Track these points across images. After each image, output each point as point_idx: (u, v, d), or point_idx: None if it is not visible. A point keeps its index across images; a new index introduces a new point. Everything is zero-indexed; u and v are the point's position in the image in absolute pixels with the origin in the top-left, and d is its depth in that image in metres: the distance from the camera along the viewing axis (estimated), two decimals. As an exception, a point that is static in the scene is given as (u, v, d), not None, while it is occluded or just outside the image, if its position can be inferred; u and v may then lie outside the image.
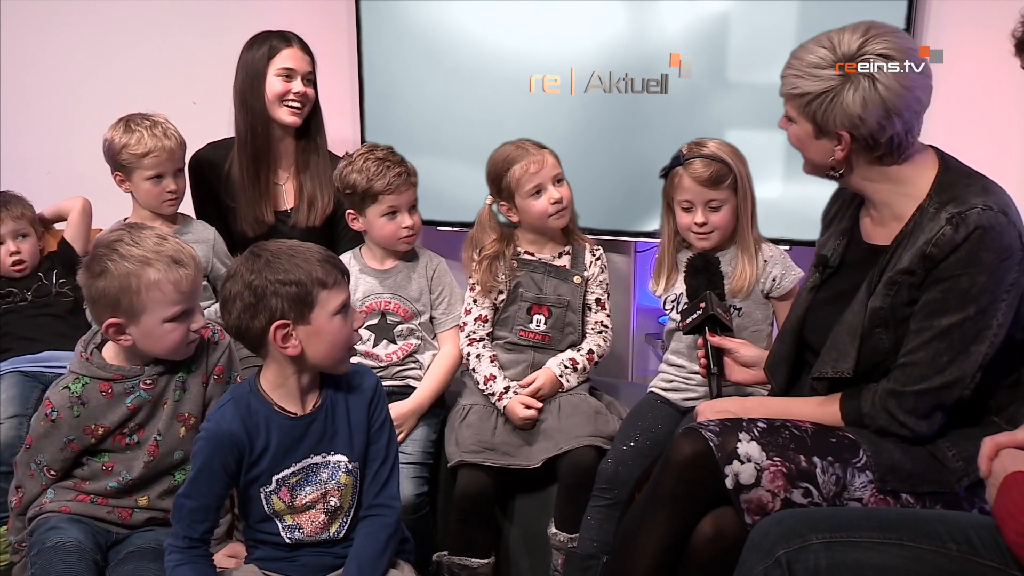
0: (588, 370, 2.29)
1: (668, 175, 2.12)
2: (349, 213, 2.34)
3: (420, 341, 2.36)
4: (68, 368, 1.85)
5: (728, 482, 1.63)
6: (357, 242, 2.44)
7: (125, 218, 2.47)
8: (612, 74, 2.76)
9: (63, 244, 2.59)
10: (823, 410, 1.73)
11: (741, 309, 2.14)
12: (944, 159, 1.70)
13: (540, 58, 2.82)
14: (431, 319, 2.38)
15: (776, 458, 1.63)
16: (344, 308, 1.62)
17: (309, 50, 2.58)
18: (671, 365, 2.23)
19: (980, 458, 1.47)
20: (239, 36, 2.58)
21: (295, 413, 1.66)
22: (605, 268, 2.34)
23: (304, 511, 1.69)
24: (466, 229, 2.43)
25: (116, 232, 1.77)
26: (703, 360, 1.97)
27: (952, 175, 1.66)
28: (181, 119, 2.48)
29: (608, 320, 2.34)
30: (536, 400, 2.21)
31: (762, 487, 1.62)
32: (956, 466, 1.65)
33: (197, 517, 1.62)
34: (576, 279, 2.30)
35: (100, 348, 1.84)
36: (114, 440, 1.81)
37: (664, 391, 2.23)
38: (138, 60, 3.20)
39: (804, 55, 1.64)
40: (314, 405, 1.68)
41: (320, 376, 1.69)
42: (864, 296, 1.69)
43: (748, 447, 1.64)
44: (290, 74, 2.52)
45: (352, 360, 1.73)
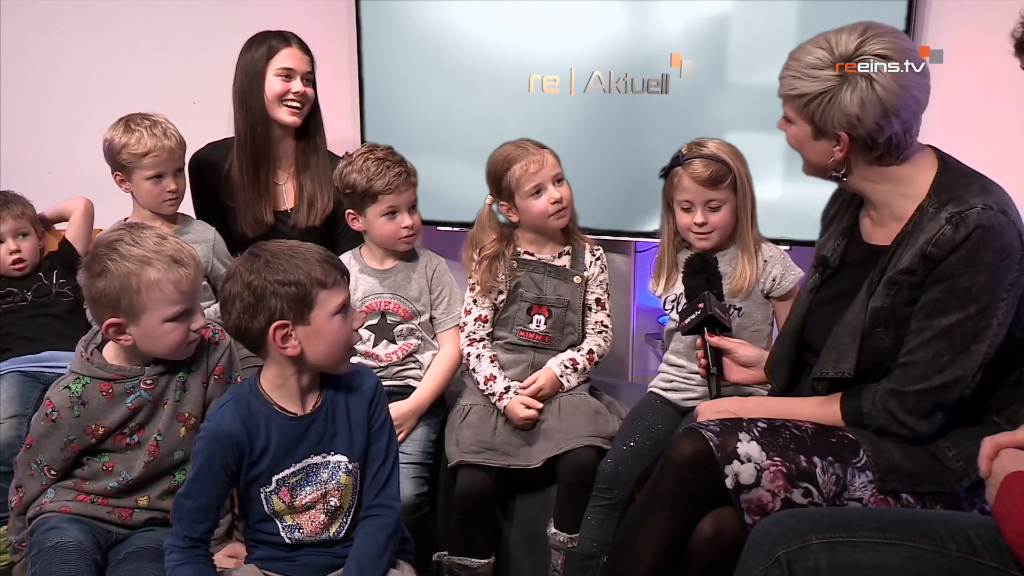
0: (588, 370, 2.29)
1: (668, 175, 2.12)
2: (349, 213, 2.34)
3: (420, 341, 2.36)
4: (68, 368, 1.85)
5: (728, 482, 1.63)
6: (357, 242, 2.44)
7: (125, 218, 2.47)
8: (612, 74, 2.76)
9: (64, 244, 2.59)
10: (823, 410, 1.73)
11: (741, 309, 2.14)
12: (943, 159, 1.69)
13: (540, 58, 2.82)
14: (431, 319, 2.38)
15: (776, 458, 1.63)
16: (344, 308, 1.62)
17: (308, 50, 2.58)
18: (671, 365, 2.23)
19: (980, 458, 1.47)
20: (239, 36, 2.58)
21: (295, 413, 1.66)
22: (605, 268, 2.34)
23: (304, 511, 1.69)
24: (466, 229, 2.43)
25: (116, 232, 1.77)
26: (703, 360, 1.97)
27: (951, 175, 1.66)
28: (181, 119, 2.48)
29: (608, 320, 2.34)
30: (536, 400, 2.22)
31: (762, 487, 1.62)
32: (956, 466, 1.65)
33: (197, 517, 1.62)
34: (576, 279, 2.30)
35: (100, 348, 1.84)
36: (114, 440, 1.81)
37: (664, 391, 2.23)
38: (138, 60, 3.20)
39: (802, 56, 1.64)
40: (314, 405, 1.68)
41: (320, 376, 1.69)
42: (864, 296, 1.69)
43: (748, 447, 1.64)
44: (289, 74, 2.52)
45: (352, 360, 1.73)
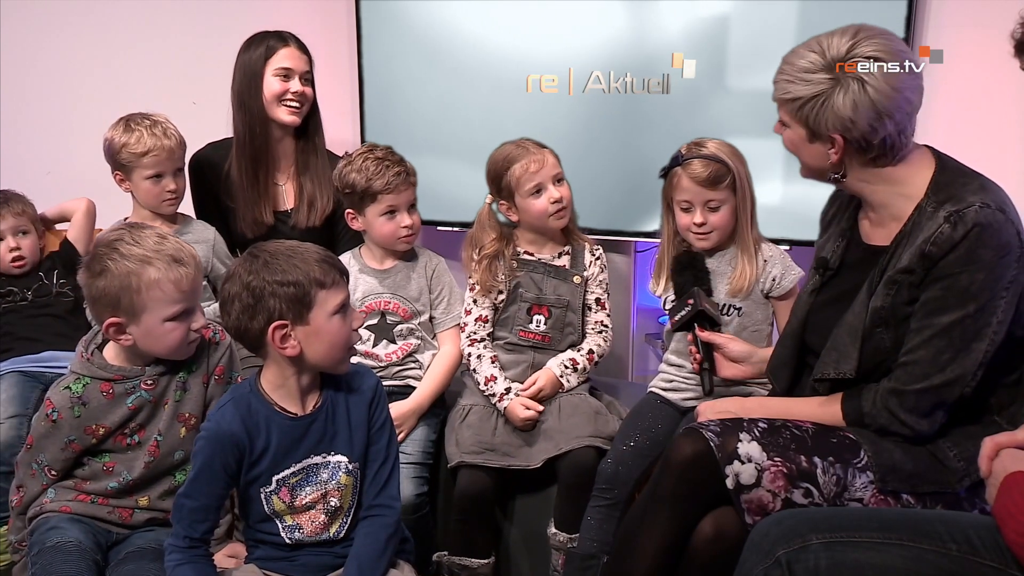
0: (588, 370, 2.29)
1: (667, 175, 2.12)
2: (348, 213, 2.34)
3: (420, 341, 2.36)
4: (69, 368, 1.85)
5: (729, 482, 1.63)
6: (357, 242, 2.44)
7: (125, 218, 2.47)
8: (612, 74, 2.76)
9: (65, 244, 2.59)
10: (824, 410, 1.73)
11: (741, 309, 2.14)
12: (940, 158, 1.70)
13: (538, 58, 2.82)
14: (431, 319, 2.38)
15: (777, 458, 1.63)
16: (343, 308, 1.62)
17: (306, 49, 2.58)
18: (671, 365, 2.23)
19: (980, 458, 1.47)
20: (239, 36, 2.58)
21: (295, 413, 1.66)
22: (605, 268, 2.34)
23: (304, 511, 1.69)
24: (466, 229, 2.43)
25: (116, 231, 1.77)
26: (697, 356, 1.97)
27: (949, 174, 1.66)
28: (181, 119, 2.48)
29: (608, 320, 2.34)
30: (537, 402, 2.21)
31: (763, 487, 1.63)
32: (957, 466, 1.65)
33: (197, 517, 1.62)
34: (576, 279, 2.30)
35: (101, 348, 1.84)
36: (115, 440, 1.81)
37: (664, 391, 2.23)
38: (138, 60, 3.20)
39: (795, 60, 1.65)
40: (314, 405, 1.68)
41: (320, 376, 1.69)
42: (865, 296, 1.69)
43: (749, 447, 1.64)
44: (288, 74, 2.52)
45: (352, 360, 1.73)
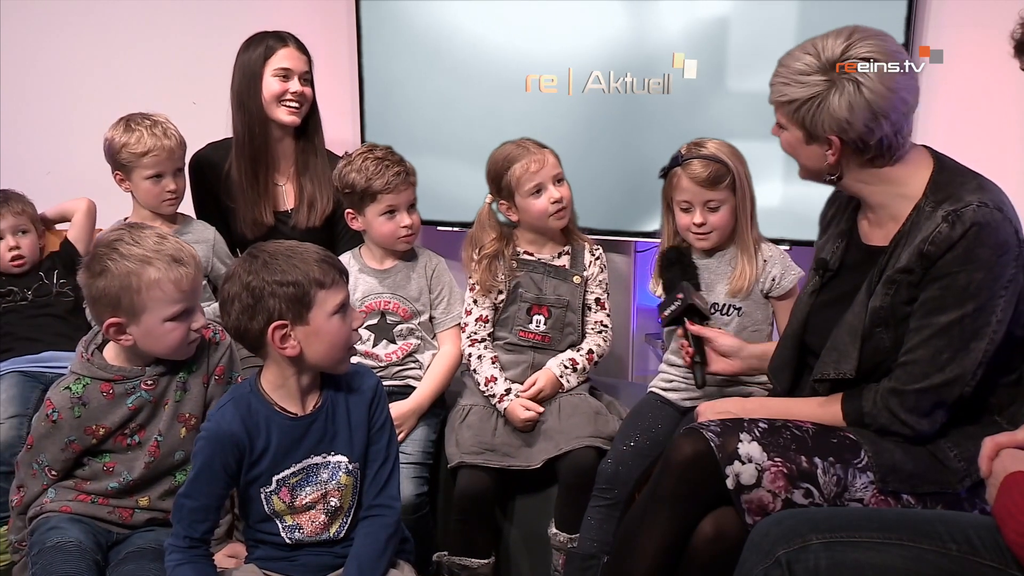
0: (588, 370, 2.29)
1: (667, 175, 2.12)
2: (348, 212, 2.34)
3: (420, 341, 2.36)
4: (69, 369, 1.84)
5: (729, 482, 1.63)
6: (356, 242, 2.44)
7: (125, 218, 2.47)
8: (612, 74, 2.76)
9: (65, 244, 2.59)
10: (824, 410, 1.73)
11: (741, 309, 2.14)
12: (938, 158, 1.70)
13: (538, 58, 2.82)
14: (430, 319, 2.38)
15: (777, 458, 1.63)
16: (343, 308, 1.62)
17: (305, 49, 2.57)
18: (671, 365, 2.22)
19: (980, 458, 1.47)
20: (239, 36, 2.58)
21: (295, 413, 1.66)
22: (604, 268, 2.34)
23: (304, 511, 1.69)
24: (466, 229, 2.43)
25: (116, 232, 1.77)
26: (688, 350, 1.97)
27: (947, 174, 1.66)
28: (181, 119, 2.48)
29: (608, 320, 2.34)
30: (537, 403, 2.21)
31: (763, 487, 1.63)
32: (958, 466, 1.65)
33: (198, 517, 1.62)
34: (576, 279, 2.30)
35: (101, 349, 1.84)
36: (115, 440, 1.81)
37: (664, 391, 2.23)
38: (138, 60, 3.20)
39: (790, 62, 1.65)
40: (314, 405, 1.68)
41: (320, 376, 1.69)
42: (864, 296, 1.69)
43: (749, 447, 1.64)
44: (287, 74, 2.52)
45: (352, 360, 1.73)
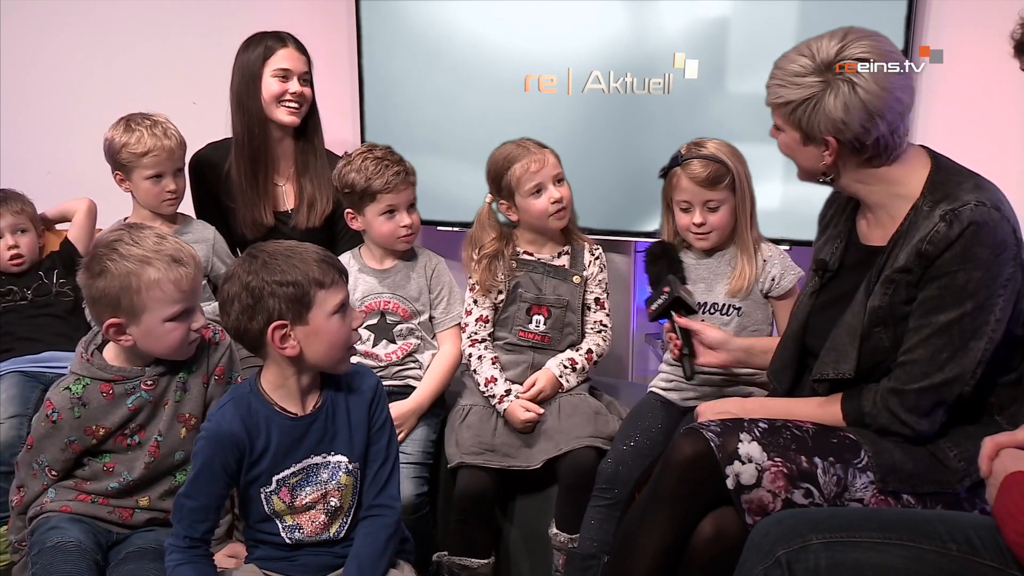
0: (587, 369, 2.29)
1: (667, 175, 2.12)
2: (348, 212, 2.34)
3: (419, 341, 2.36)
4: (69, 369, 1.84)
5: (729, 482, 1.63)
6: (356, 242, 2.44)
7: (125, 218, 2.47)
8: (612, 74, 2.76)
9: (65, 244, 2.59)
10: (824, 410, 1.73)
11: (740, 309, 2.14)
12: (936, 158, 1.70)
13: (537, 58, 2.82)
14: (430, 318, 2.38)
15: (777, 458, 1.63)
16: (342, 308, 1.62)
17: (305, 50, 2.57)
18: (671, 365, 2.22)
19: (980, 458, 1.47)
20: (239, 36, 2.58)
21: (295, 413, 1.66)
22: (604, 267, 2.34)
23: (304, 511, 1.69)
24: (465, 229, 2.43)
25: (115, 232, 1.76)
26: (677, 342, 1.96)
27: (944, 173, 1.66)
28: (181, 119, 2.48)
29: (607, 319, 2.34)
30: (537, 405, 2.21)
31: (763, 487, 1.62)
32: (957, 466, 1.65)
33: (198, 517, 1.62)
34: (575, 279, 2.30)
35: (101, 349, 1.84)
36: (115, 441, 1.81)
37: (664, 391, 2.23)
38: (138, 60, 3.19)
39: (786, 65, 1.66)
40: (314, 405, 1.68)
41: (320, 376, 1.69)
42: (863, 296, 1.70)
43: (749, 447, 1.64)
44: (286, 75, 2.51)
45: (352, 360, 1.73)
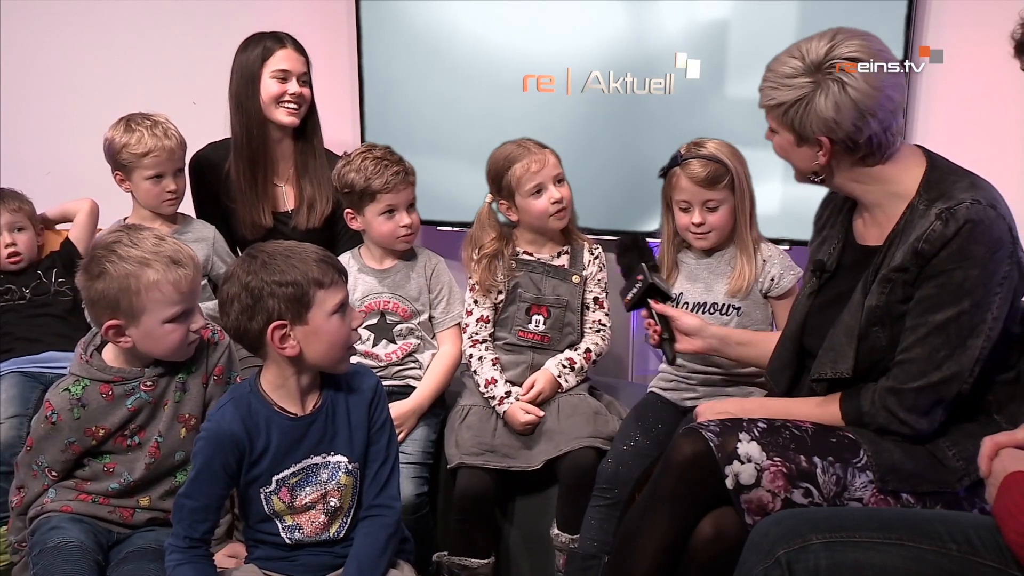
0: (586, 369, 2.29)
1: (666, 175, 2.12)
2: (348, 212, 2.34)
3: (419, 340, 2.36)
4: (68, 370, 1.84)
5: (728, 482, 1.63)
6: (356, 242, 2.44)
7: (125, 218, 2.48)
8: (612, 74, 2.75)
9: (66, 244, 2.59)
10: (823, 410, 1.73)
11: (740, 309, 2.14)
12: (931, 157, 1.70)
13: (537, 58, 2.81)
14: (430, 318, 2.38)
15: (776, 458, 1.63)
16: (342, 307, 1.62)
17: (303, 50, 2.57)
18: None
19: (980, 458, 1.47)
20: (239, 36, 2.58)
21: (295, 414, 1.66)
22: (604, 267, 2.35)
23: (304, 511, 1.69)
24: (465, 229, 2.43)
25: (114, 234, 1.76)
26: (656, 328, 1.93)
27: (939, 172, 1.66)
28: (181, 119, 2.48)
29: (607, 319, 2.34)
30: (537, 407, 2.21)
31: (762, 487, 1.62)
32: (956, 465, 1.65)
33: (198, 517, 1.62)
34: (575, 279, 2.30)
35: (100, 350, 1.84)
36: (115, 442, 1.81)
37: (664, 391, 2.23)
38: (138, 60, 3.19)
39: (777, 67, 1.66)
40: (314, 406, 1.68)
41: (320, 376, 1.69)
42: (860, 296, 1.70)
43: (748, 447, 1.64)
44: (285, 76, 2.51)
45: (352, 360, 1.73)
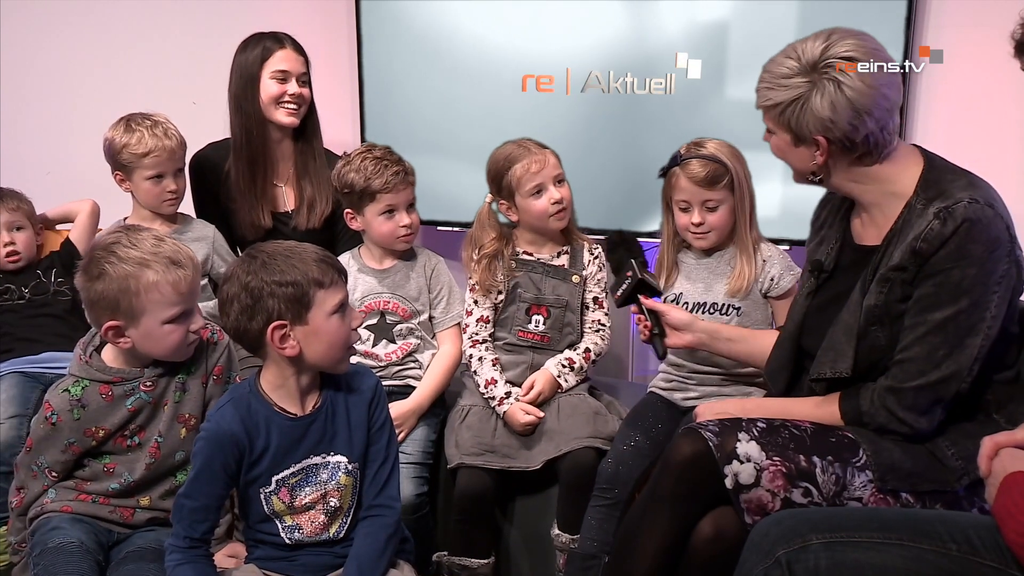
0: (586, 369, 2.29)
1: (666, 175, 2.12)
2: (347, 212, 2.34)
3: (419, 340, 2.36)
4: (67, 371, 1.84)
5: (728, 482, 1.63)
6: (356, 242, 2.44)
7: (125, 218, 2.48)
8: (612, 74, 2.75)
9: (66, 244, 2.59)
10: (822, 410, 1.73)
11: (740, 309, 2.14)
12: (928, 157, 1.71)
13: (537, 58, 2.81)
14: (430, 318, 2.38)
15: (776, 458, 1.63)
16: (342, 307, 1.62)
17: (303, 50, 2.57)
18: (671, 365, 2.23)
19: (980, 457, 1.47)
20: (239, 36, 2.58)
21: (295, 414, 1.66)
22: (603, 267, 2.34)
23: (304, 511, 1.69)
24: (465, 229, 2.43)
25: (113, 234, 1.77)
26: (646, 323, 1.95)
27: (937, 172, 1.67)
28: (181, 119, 2.48)
29: (606, 319, 2.34)
30: (537, 408, 2.21)
31: (762, 487, 1.62)
32: (956, 465, 1.65)
33: (197, 517, 1.62)
34: (574, 279, 2.30)
35: (99, 350, 1.84)
36: (115, 442, 1.81)
37: (664, 391, 2.23)
38: (138, 60, 3.19)
39: (773, 67, 1.67)
40: (314, 406, 1.68)
41: (320, 376, 1.69)
42: (859, 295, 1.70)
43: (748, 447, 1.64)
44: (285, 76, 2.51)
45: (352, 360, 1.73)
